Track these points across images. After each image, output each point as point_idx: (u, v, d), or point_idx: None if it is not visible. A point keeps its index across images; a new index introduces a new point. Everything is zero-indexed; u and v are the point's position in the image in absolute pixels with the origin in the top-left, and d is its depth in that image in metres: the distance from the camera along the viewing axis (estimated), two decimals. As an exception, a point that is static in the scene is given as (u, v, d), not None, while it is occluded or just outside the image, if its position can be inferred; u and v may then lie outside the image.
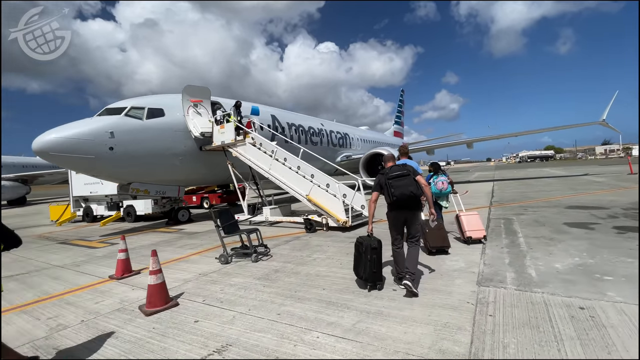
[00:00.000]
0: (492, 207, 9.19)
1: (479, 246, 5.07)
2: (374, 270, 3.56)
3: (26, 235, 10.18)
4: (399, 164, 3.90)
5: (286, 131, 13.96)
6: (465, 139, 21.45)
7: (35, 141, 7.74)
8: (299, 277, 4.18)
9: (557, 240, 5.13)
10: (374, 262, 3.56)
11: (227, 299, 3.62)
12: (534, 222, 6.71)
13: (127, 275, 4.85)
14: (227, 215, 5.44)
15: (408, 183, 3.51)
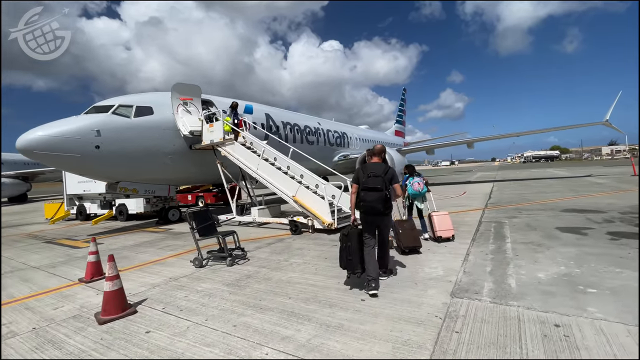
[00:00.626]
0: (487, 210, 8.93)
1: (462, 251, 4.85)
2: (349, 258, 3.67)
3: (16, 234, 10.14)
4: (376, 166, 3.84)
5: (280, 130, 13.77)
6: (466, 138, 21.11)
7: (19, 139, 7.64)
8: (269, 284, 3.99)
9: (546, 246, 4.89)
10: (348, 249, 3.68)
11: (189, 307, 3.45)
12: (525, 226, 6.45)
13: (97, 278, 4.70)
14: (202, 217, 5.27)
15: (378, 198, 3.60)
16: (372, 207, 3.64)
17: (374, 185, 3.64)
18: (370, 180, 3.68)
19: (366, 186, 3.68)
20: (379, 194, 3.61)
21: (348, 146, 19.26)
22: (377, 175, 3.69)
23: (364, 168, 3.84)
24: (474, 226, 6.67)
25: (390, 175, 3.77)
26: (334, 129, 18.27)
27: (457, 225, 6.79)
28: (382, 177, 3.68)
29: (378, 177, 3.67)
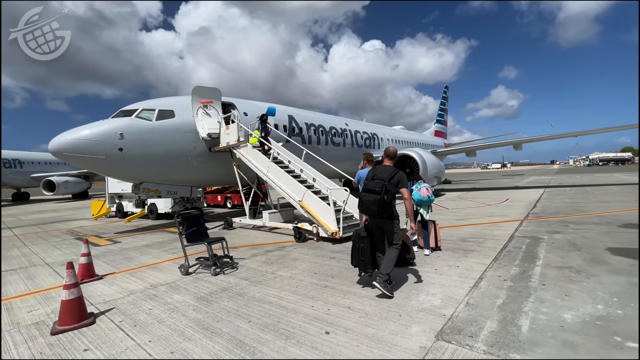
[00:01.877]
0: (526, 221, 7.71)
1: (476, 274, 4.05)
2: (362, 258, 3.81)
3: (59, 229, 11.05)
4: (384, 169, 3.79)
5: (304, 132, 13.49)
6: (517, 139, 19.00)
7: (51, 142, 8.23)
8: (239, 301, 3.62)
9: (587, 274, 3.89)
10: (361, 250, 3.81)
11: (145, 322, 3.21)
12: (568, 244, 5.34)
13: (87, 280, 4.72)
14: (192, 222, 5.08)
15: (373, 201, 3.60)
16: (366, 208, 3.69)
17: (373, 188, 3.66)
18: (371, 182, 3.71)
19: (366, 187, 3.73)
20: (375, 197, 3.60)
21: (379, 147, 18.40)
22: (380, 178, 3.66)
23: (373, 170, 3.86)
24: (503, 242, 5.70)
25: (396, 180, 3.70)
26: (363, 129, 17.56)
27: (482, 241, 5.89)
28: (385, 181, 3.62)
29: (379, 181, 3.65)
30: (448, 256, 5.00)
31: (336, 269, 4.62)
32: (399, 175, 3.75)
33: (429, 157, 14.93)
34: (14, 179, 26.25)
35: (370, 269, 3.86)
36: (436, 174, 15.13)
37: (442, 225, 7.63)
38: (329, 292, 3.72)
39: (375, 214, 3.63)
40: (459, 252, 5.21)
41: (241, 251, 6.19)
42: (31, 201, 28.26)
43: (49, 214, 16.74)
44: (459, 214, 9.52)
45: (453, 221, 8.27)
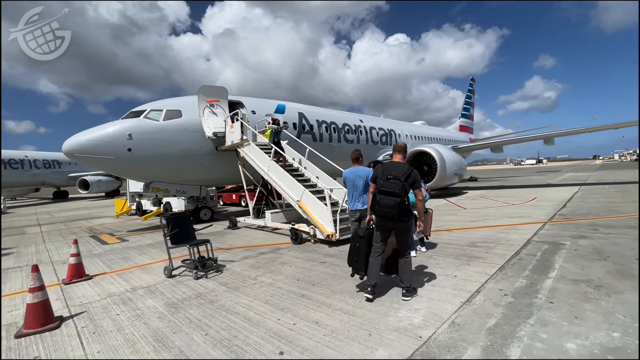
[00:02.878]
0: (550, 223, 6.93)
1: (473, 287, 3.56)
2: (355, 259, 3.62)
3: (81, 226, 11.57)
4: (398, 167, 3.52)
5: (315, 129, 13.18)
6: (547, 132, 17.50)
7: (64, 143, 8.54)
8: (206, 310, 3.42)
9: (608, 290, 3.29)
10: (356, 250, 3.62)
11: (105, 329, 3.08)
12: (593, 252, 4.65)
13: (76, 280, 4.75)
14: (177, 224, 4.95)
15: (394, 205, 3.31)
16: (386, 212, 3.37)
17: (392, 189, 3.35)
18: (388, 183, 3.39)
19: (383, 189, 3.41)
20: (395, 200, 3.31)
21: (396, 144, 17.70)
22: (397, 178, 3.37)
23: (385, 168, 3.54)
24: (516, 248, 5.08)
25: (412, 179, 3.46)
26: (379, 126, 16.93)
27: (494, 246, 5.31)
28: (403, 181, 3.37)
29: (397, 181, 3.36)
30: (448, 263, 4.52)
31: (321, 276, 4.30)
32: (415, 174, 3.52)
33: (448, 153, 14.08)
34: (54, 178, 28.13)
35: (362, 271, 3.63)
36: (456, 171, 14.27)
37: (454, 228, 7.10)
38: (302, 303, 3.42)
39: (395, 217, 3.34)
40: (462, 259, 4.70)
41: (234, 253, 6.03)
42: (69, 199, 30.23)
43: (79, 212, 17.71)
44: (475, 214, 8.81)
45: (467, 222, 7.64)
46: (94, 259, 6.22)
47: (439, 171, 13.21)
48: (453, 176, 14.17)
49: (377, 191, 3.48)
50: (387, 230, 3.57)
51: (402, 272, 3.51)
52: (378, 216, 3.50)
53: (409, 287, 3.42)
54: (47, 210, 19.92)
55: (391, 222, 3.44)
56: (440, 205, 11.45)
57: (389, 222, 3.45)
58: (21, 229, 11.84)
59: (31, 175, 25.75)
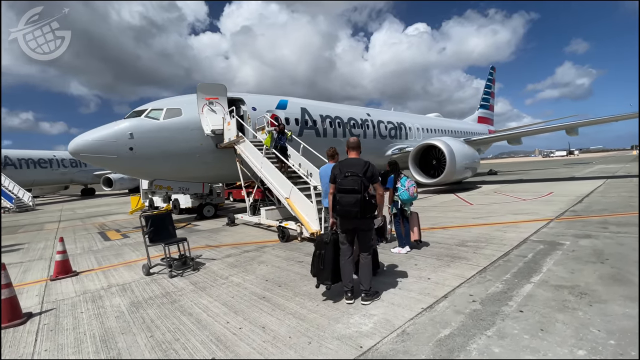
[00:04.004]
0: (557, 220, 6.43)
1: (443, 290, 3.31)
2: (321, 267, 3.36)
3: (95, 222, 12.10)
4: (355, 163, 3.39)
5: (318, 124, 13.00)
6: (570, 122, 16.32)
7: (70, 143, 8.88)
8: (164, 310, 3.40)
9: (592, 298, 2.95)
10: (321, 258, 3.37)
11: (63, 327, 3.14)
12: (591, 253, 4.23)
13: (62, 276, 4.91)
14: (156, 222, 4.99)
15: (355, 202, 3.15)
16: (347, 211, 3.21)
17: (351, 186, 3.19)
18: (346, 180, 3.24)
19: (342, 187, 3.25)
20: (356, 197, 3.16)
21: (406, 138, 17.18)
22: (355, 174, 3.23)
23: (342, 165, 3.41)
24: (507, 248, 4.73)
25: (370, 173, 3.31)
26: (388, 119, 16.46)
27: (485, 245, 4.99)
28: (361, 176, 3.22)
29: (355, 177, 3.21)
30: (427, 265, 4.26)
31: (291, 277, 4.19)
32: (372, 169, 3.37)
33: (459, 146, 13.47)
34: (80, 176, 29.69)
35: (329, 280, 3.35)
36: (468, 165, 13.62)
37: (452, 225, 6.76)
38: (259, 306, 3.32)
39: (358, 215, 3.18)
40: (444, 259, 4.42)
41: (220, 250, 6.03)
42: (96, 196, 31.85)
43: (100, 208, 18.57)
44: (479, 211, 8.36)
45: (467, 220, 7.24)
46: (89, 255, 6.44)
47: (448, 165, 12.66)
48: (464, 170, 13.55)
49: (336, 191, 3.31)
50: (351, 231, 3.38)
51: (360, 274, 3.32)
52: (340, 216, 3.33)
53: (368, 291, 3.23)
54: (72, 207, 21.05)
55: (354, 220, 3.26)
56: (447, 201, 11.00)
57: (352, 220, 3.27)
58: (41, 225, 12.54)
59: (59, 174, 27.30)
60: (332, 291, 3.50)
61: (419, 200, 11.53)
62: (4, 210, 18.37)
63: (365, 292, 3.23)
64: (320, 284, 3.45)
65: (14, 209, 18.26)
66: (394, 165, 5.08)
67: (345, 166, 3.37)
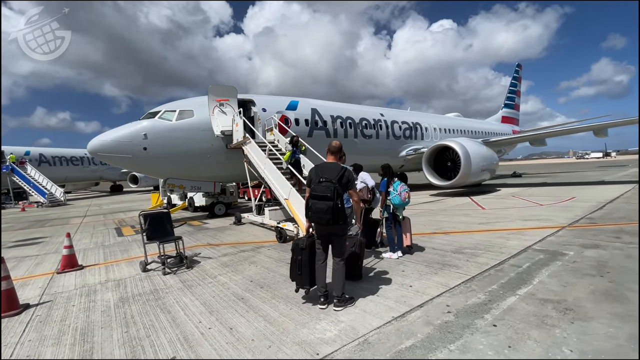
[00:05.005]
0: (569, 228, 6.06)
1: (420, 299, 3.21)
2: (298, 272, 3.38)
3: (115, 218, 12.74)
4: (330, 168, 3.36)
5: (329, 125, 12.98)
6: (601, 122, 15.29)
7: (89, 143, 9.43)
8: (147, 307, 3.54)
9: (575, 314, 2.75)
10: (297, 263, 3.38)
11: (52, 319, 3.35)
12: (593, 265, 3.95)
13: (68, 270, 5.22)
14: (154, 220, 5.19)
15: (327, 209, 3.11)
16: (319, 217, 3.18)
17: (323, 193, 3.16)
18: (319, 186, 3.22)
19: (314, 193, 3.23)
20: (327, 204, 3.11)
21: (422, 138, 16.78)
22: (329, 180, 3.21)
23: (318, 170, 3.39)
24: (504, 257, 4.51)
25: (346, 179, 3.28)
26: (403, 119, 16.15)
27: (482, 253, 4.80)
28: (335, 183, 3.18)
29: (329, 184, 3.18)
30: (414, 271, 4.15)
31: (276, 278, 4.22)
32: (348, 174, 3.35)
33: (475, 147, 13.00)
34: (109, 174, 31.33)
35: (307, 285, 3.40)
36: (485, 166, 13.12)
37: (454, 230, 6.55)
38: (235, 307, 3.38)
39: (329, 222, 3.16)
40: (433, 267, 4.29)
41: (218, 249, 6.18)
42: (123, 192, 33.51)
43: (125, 204, 19.55)
44: (489, 215, 8.03)
45: (473, 225, 6.98)
46: (100, 250, 6.80)
47: (463, 167, 12.26)
48: (481, 172, 13.05)
49: (310, 195, 3.30)
50: (325, 236, 3.37)
51: (333, 280, 3.30)
52: (312, 222, 3.33)
53: (340, 297, 3.20)
54: (100, 202, 22.29)
55: (326, 226, 3.24)
56: (460, 204, 10.64)
57: (324, 227, 3.26)
58: (68, 219, 13.38)
59: (90, 171, 28.97)
60: (310, 295, 3.50)
61: (429, 203, 11.24)
62: (37, 205, 19.75)
63: (338, 298, 3.20)
64: (298, 289, 3.47)
65: (47, 203, 19.57)
66: (387, 169, 4.99)
67: (320, 171, 3.35)
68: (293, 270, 3.47)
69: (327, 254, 3.43)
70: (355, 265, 3.95)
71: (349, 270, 3.93)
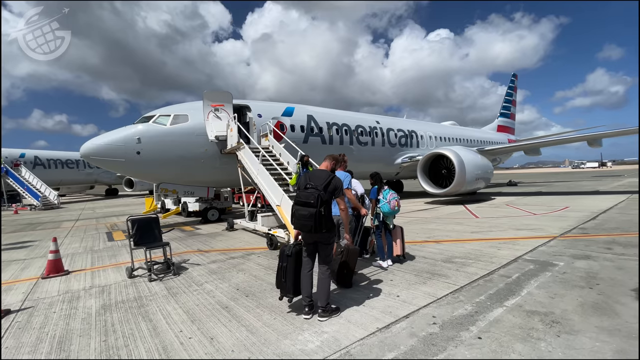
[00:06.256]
0: (561, 238, 6.05)
1: (407, 309, 3.17)
2: (283, 280, 3.33)
3: (107, 222, 12.62)
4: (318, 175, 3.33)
5: (324, 132, 13.00)
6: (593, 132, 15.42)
7: (82, 147, 9.36)
8: (128, 315, 3.46)
9: (562, 327, 2.72)
10: (283, 270, 3.32)
11: (32, 326, 3.27)
12: (583, 277, 3.92)
13: (53, 275, 5.12)
14: (142, 225, 5.12)
15: (309, 216, 3.08)
16: (302, 224, 3.16)
17: (306, 199, 3.14)
18: (304, 193, 3.20)
19: (298, 199, 3.24)
20: (310, 211, 3.08)
21: (417, 146, 16.83)
22: (314, 187, 3.17)
23: (307, 176, 3.37)
24: (495, 266, 4.48)
25: (332, 187, 3.23)
26: (399, 127, 16.22)
27: (472, 262, 4.78)
28: (320, 190, 3.14)
29: (313, 190, 3.15)
30: (402, 281, 4.10)
31: (263, 287, 4.16)
32: (335, 182, 3.32)
33: (470, 156, 13.04)
34: (104, 177, 31.13)
35: (290, 293, 3.34)
36: (479, 175, 13.15)
37: (446, 239, 6.52)
38: (218, 316, 3.31)
39: (312, 230, 3.12)
40: (422, 276, 4.25)
41: (208, 256, 6.10)
42: (119, 196, 33.26)
43: (119, 208, 19.39)
44: (482, 225, 8.01)
45: (465, 234, 6.96)
46: (88, 255, 6.70)
47: (458, 175, 12.29)
48: (475, 181, 13.07)
49: (294, 202, 3.27)
50: (311, 244, 3.33)
51: (318, 290, 3.24)
52: (296, 229, 3.30)
53: (325, 307, 3.15)
54: (94, 206, 22.08)
55: (310, 234, 3.20)
56: (454, 212, 10.63)
57: (308, 234, 3.22)
58: (60, 223, 13.22)
59: (85, 174, 28.78)
60: (295, 304, 3.45)
61: (422, 211, 11.22)
62: (30, 208, 19.55)
63: (322, 308, 3.15)
64: (283, 297, 3.42)
65: (40, 206, 19.37)
66: (376, 177, 4.97)
67: (309, 177, 3.34)
68: (278, 278, 3.42)
69: (314, 262, 3.39)
70: (348, 273, 3.92)
71: (340, 278, 3.91)
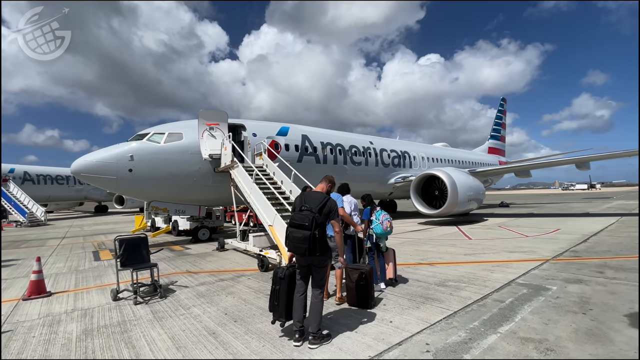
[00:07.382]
0: (553, 261, 6.06)
1: (399, 337, 3.09)
2: (275, 303, 3.27)
3: (95, 240, 12.30)
4: (313, 197, 3.33)
5: (318, 151, 13.10)
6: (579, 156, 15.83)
7: (73, 163, 9.25)
8: (110, 341, 3.31)
9: (556, 355, 2.67)
10: (276, 293, 3.27)
11: (8, 350, 3.10)
12: (576, 302, 3.90)
13: (34, 297, 4.91)
14: (129, 246, 4.99)
15: (303, 238, 3.05)
16: (296, 247, 3.13)
17: (301, 222, 3.12)
18: (299, 215, 3.19)
19: (293, 221, 3.21)
20: (305, 234, 3.05)
21: (410, 167, 17.02)
22: (309, 209, 3.17)
23: (302, 198, 3.37)
24: (488, 290, 4.44)
25: (327, 209, 3.23)
26: (392, 147, 16.45)
27: (465, 286, 4.73)
28: (315, 213, 3.13)
29: (308, 212, 3.14)
30: (395, 305, 4.03)
31: (252, 311, 4.04)
32: (330, 204, 3.31)
33: (462, 177, 13.20)
34: (94, 194, 30.61)
35: (282, 317, 3.27)
36: (472, 196, 13.27)
37: (440, 262, 6.47)
38: (204, 342, 3.18)
39: (306, 252, 3.08)
40: (416, 300, 4.18)
41: (196, 277, 5.95)
42: (108, 213, 32.62)
43: (107, 226, 18.96)
44: (475, 247, 8.00)
45: (459, 256, 6.93)
46: (72, 276, 6.47)
47: (450, 197, 12.38)
48: (467, 202, 13.17)
49: (289, 223, 3.25)
50: (305, 267, 3.27)
51: (310, 315, 3.16)
52: (290, 251, 3.25)
53: (316, 334, 3.05)
54: (82, 223, 21.56)
55: (304, 257, 3.16)
56: (447, 234, 10.63)
57: (302, 257, 3.18)
58: (45, 240, 12.84)
59: (75, 191, 28.28)
60: (286, 329, 3.34)
61: (416, 232, 11.20)
62: (16, 224, 19.01)
63: (313, 335, 3.05)
64: (275, 321, 3.32)
65: (26, 223, 18.86)
66: (368, 198, 4.98)
67: (305, 199, 3.33)
68: (271, 301, 3.35)
69: (307, 285, 3.32)
70: (367, 294, 3.91)
71: (360, 299, 3.87)
